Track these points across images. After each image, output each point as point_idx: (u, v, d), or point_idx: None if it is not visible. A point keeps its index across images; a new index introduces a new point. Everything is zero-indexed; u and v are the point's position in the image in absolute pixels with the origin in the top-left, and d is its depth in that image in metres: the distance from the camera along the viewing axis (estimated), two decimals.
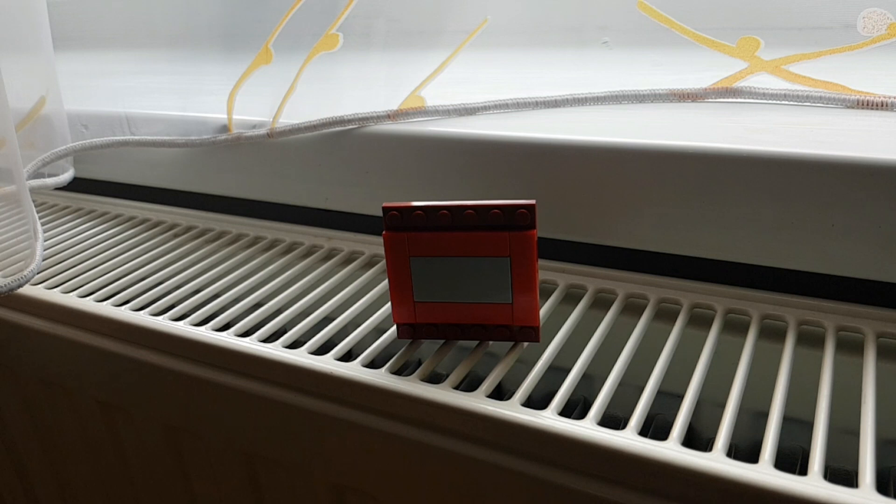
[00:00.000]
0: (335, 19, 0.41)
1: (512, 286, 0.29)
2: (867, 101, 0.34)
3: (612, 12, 0.38)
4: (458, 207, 0.28)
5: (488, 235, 0.28)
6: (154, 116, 0.49)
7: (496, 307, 0.30)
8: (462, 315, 0.30)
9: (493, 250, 0.29)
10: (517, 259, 0.28)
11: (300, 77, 0.42)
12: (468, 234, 0.28)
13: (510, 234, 0.28)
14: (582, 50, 0.39)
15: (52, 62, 0.49)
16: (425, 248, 0.29)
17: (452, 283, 0.30)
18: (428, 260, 0.29)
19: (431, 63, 0.40)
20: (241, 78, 0.44)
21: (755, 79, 0.36)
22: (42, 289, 0.40)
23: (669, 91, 0.37)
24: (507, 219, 0.28)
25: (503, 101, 0.39)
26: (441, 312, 0.30)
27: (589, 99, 0.38)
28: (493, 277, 0.29)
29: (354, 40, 0.42)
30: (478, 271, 0.29)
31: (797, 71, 0.35)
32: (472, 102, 0.39)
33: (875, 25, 0.33)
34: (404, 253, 0.29)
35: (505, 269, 0.29)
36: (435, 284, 0.30)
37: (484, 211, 0.28)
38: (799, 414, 0.32)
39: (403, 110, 0.40)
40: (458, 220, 0.29)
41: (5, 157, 0.40)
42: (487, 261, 0.29)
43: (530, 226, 0.28)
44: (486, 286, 0.29)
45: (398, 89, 0.40)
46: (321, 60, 0.42)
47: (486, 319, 0.30)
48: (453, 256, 0.29)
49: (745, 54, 0.36)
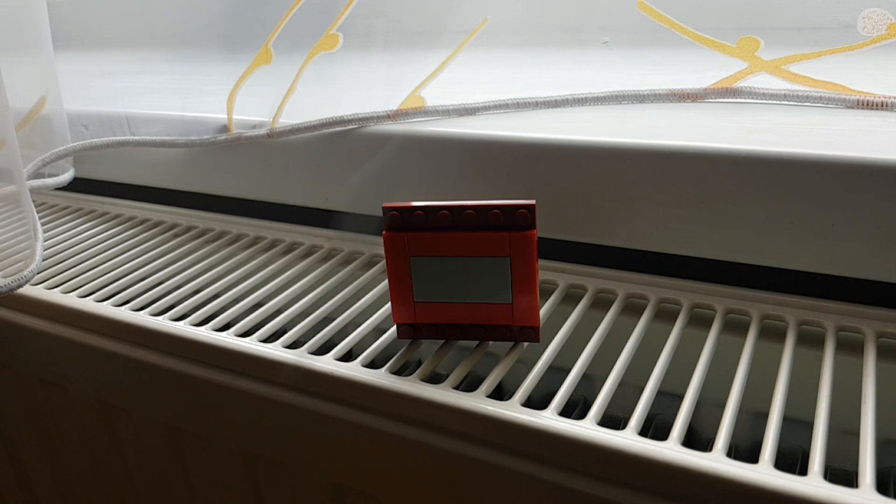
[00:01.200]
0: (335, 19, 0.41)
1: (512, 286, 0.29)
2: (867, 101, 0.34)
3: (612, 12, 0.38)
4: (458, 207, 0.28)
5: (488, 235, 0.28)
6: (154, 116, 0.49)
7: (496, 307, 0.30)
8: (462, 315, 0.30)
9: (493, 250, 0.28)
10: (517, 259, 0.28)
11: (300, 77, 0.42)
12: (468, 234, 0.28)
13: (510, 234, 0.28)
14: (582, 50, 0.39)
15: (53, 62, 0.49)
16: (425, 248, 0.29)
17: (452, 284, 0.30)
18: (428, 260, 0.29)
19: (431, 63, 0.40)
20: (240, 78, 0.44)
21: (755, 79, 0.36)
22: (42, 289, 0.40)
23: (669, 91, 0.37)
24: (508, 219, 0.28)
25: (503, 101, 0.39)
26: (441, 312, 0.30)
27: (589, 99, 0.38)
28: (493, 277, 0.29)
29: (354, 40, 0.42)
30: (478, 271, 0.29)
31: (797, 71, 0.35)
32: (472, 102, 0.39)
33: (875, 25, 0.33)
34: (404, 253, 0.29)
35: (505, 269, 0.29)
36: (435, 284, 0.30)
37: (484, 211, 0.28)
38: (799, 414, 0.32)
39: (403, 110, 0.40)
40: (458, 220, 0.28)
41: (5, 157, 0.40)
42: (487, 261, 0.29)
43: (530, 226, 0.28)
44: (486, 286, 0.29)
45: (398, 89, 0.40)
46: (321, 60, 0.42)
47: (486, 319, 0.30)
48: (453, 256, 0.29)
49: (746, 54, 0.36)
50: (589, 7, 0.39)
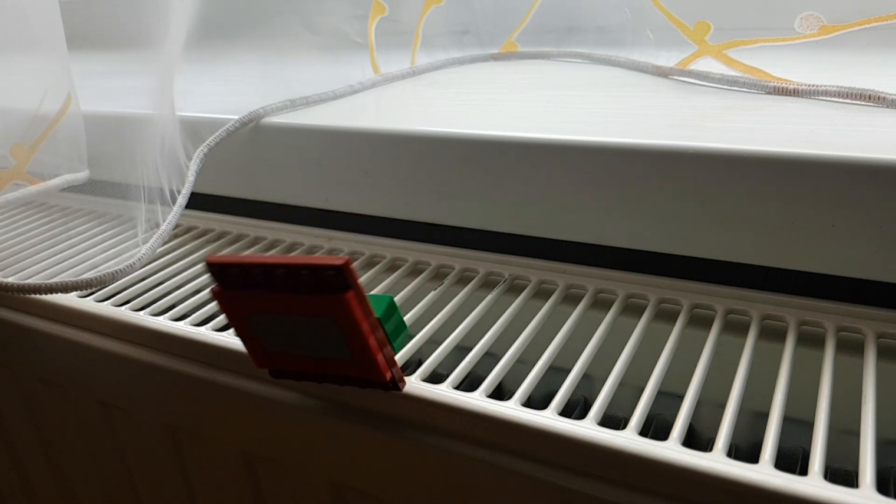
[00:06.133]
0: None
1: (346, 344, 0.26)
2: (783, 88, 0.39)
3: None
4: (270, 266, 0.25)
5: (302, 298, 0.25)
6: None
7: (342, 361, 0.27)
8: (316, 366, 0.28)
9: (313, 311, 0.25)
10: (341, 320, 0.25)
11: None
12: (285, 295, 0.25)
13: (324, 297, 0.24)
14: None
15: (68, 60, 0.49)
16: (252, 305, 0.26)
17: (293, 338, 0.27)
18: (261, 315, 0.26)
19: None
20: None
21: (702, 62, 0.43)
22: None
23: (653, 66, 0.45)
24: (317, 281, 0.24)
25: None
26: (295, 361, 0.28)
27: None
28: (325, 335, 0.26)
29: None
30: (309, 329, 0.26)
31: (735, 56, 0.42)
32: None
33: (810, 25, 0.40)
34: (238, 309, 0.27)
35: (332, 328, 0.25)
36: (278, 337, 0.27)
37: (294, 271, 0.24)
38: (799, 414, 0.32)
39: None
40: (272, 280, 0.25)
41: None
42: (313, 320, 0.25)
43: (343, 288, 0.24)
44: (324, 343, 0.26)
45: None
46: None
47: (339, 371, 0.27)
48: (281, 315, 0.26)
49: (698, 38, 0.43)
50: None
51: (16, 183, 0.47)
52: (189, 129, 0.43)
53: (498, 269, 0.38)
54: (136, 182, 0.42)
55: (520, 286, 0.37)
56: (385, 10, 0.53)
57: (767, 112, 0.36)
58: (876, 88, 0.35)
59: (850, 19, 0.40)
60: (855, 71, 0.41)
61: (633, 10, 0.47)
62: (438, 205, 0.39)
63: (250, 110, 0.43)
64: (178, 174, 0.41)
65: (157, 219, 0.41)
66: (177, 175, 0.41)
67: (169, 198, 0.41)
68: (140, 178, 0.42)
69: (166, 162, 0.41)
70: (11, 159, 0.47)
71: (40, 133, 0.47)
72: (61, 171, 0.48)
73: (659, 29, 0.46)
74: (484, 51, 0.55)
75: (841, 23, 0.40)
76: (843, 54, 0.43)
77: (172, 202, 0.40)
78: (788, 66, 0.41)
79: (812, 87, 0.38)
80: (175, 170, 0.41)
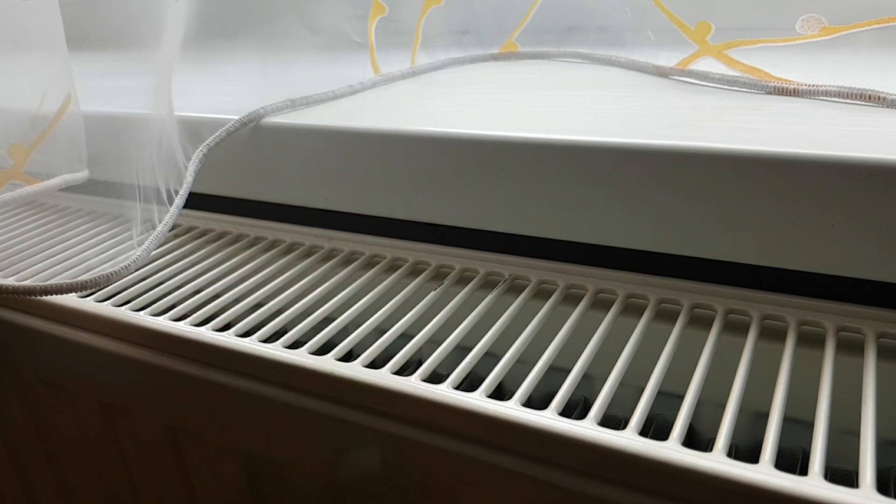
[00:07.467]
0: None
1: None
2: (783, 88, 0.39)
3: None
4: None
5: None
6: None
7: None
8: None
9: None
10: None
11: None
12: None
13: None
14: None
15: (68, 59, 0.49)
16: None
17: None
18: None
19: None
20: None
21: (703, 62, 0.43)
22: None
23: (653, 66, 0.45)
24: None
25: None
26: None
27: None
28: None
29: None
30: None
31: (735, 56, 0.42)
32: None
33: (811, 27, 0.40)
34: None
35: None
36: None
37: None
38: (799, 414, 0.32)
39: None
40: None
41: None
42: None
43: None
44: None
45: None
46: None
47: None
48: None
49: (699, 38, 0.43)
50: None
51: (13, 183, 0.47)
52: (189, 129, 0.43)
53: (498, 269, 0.38)
54: (132, 182, 0.42)
55: (520, 286, 0.37)
56: (385, 10, 0.53)
57: (768, 112, 0.36)
58: (876, 88, 0.35)
59: (852, 20, 0.40)
60: (855, 71, 0.41)
61: (633, 10, 0.47)
62: (438, 205, 0.39)
63: (250, 110, 0.43)
64: (176, 174, 0.41)
65: (154, 220, 0.41)
66: (174, 175, 0.41)
67: (166, 198, 0.41)
68: (136, 179, 0.42)
69: (163, 162, 0.41)
70: (9, 159, 0.47)
71: (39, 133, 0.47)
72: (60, 171, 0.48)
73: (659, 29, 0.46)
74: (484, 51, 0.55)
75: (842, 24, 0.40)
76: (843, 55, 0.43)
77: (169, 203, 0.40)
78: (789, 67, 0.41)
79: (812, 87, 0.38)
80: (173, 170, 0.41)
